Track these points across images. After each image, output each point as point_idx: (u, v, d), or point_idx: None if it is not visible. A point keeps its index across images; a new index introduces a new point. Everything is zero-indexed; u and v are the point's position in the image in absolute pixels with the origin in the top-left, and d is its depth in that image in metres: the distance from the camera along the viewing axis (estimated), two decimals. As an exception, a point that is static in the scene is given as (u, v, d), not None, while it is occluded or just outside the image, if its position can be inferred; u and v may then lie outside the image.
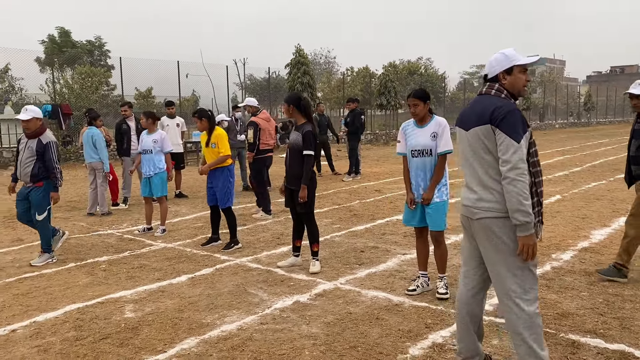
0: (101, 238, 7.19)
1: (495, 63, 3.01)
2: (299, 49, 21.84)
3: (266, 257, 6.06)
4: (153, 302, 4.67)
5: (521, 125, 2.84)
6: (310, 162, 5.39)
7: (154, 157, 7.40)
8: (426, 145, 4.50)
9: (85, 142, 8.71)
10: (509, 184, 2.80)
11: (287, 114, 5.57)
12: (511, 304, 2.92)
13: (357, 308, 4.42)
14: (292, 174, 5.45)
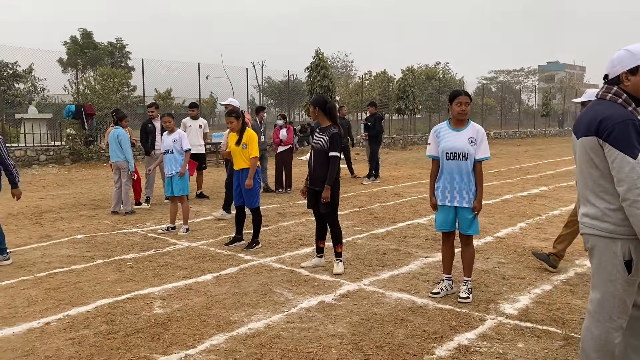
0: (126, 236, 7.32)
1: (617, 62, 2.68)
2: (319, 52, 21.94)
3: (289, 258, 6.13)
4: (180, 299, 4.76)
5: (636, 137, 2.52)
6: (335, 164, 5.46)
7: (176, 156, 7.52)
8: (462, 149, 4.51)
9: (111, 142, 8.87)
10: (630, 206, 2.51)
11: (313, 117, 5.64)
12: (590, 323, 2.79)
13: (381, 309, 4.46)
14: (317, 175, 5.52)
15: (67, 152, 17.66)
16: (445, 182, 4.62)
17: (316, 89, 21.13)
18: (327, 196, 5.39)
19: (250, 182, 6.47)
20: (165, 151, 7.57)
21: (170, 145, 7.53)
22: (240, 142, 6.54)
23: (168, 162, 7.53)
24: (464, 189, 4.56)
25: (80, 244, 6.84)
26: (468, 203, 4.56)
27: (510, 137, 38.51)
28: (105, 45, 41.92)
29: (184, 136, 7.69)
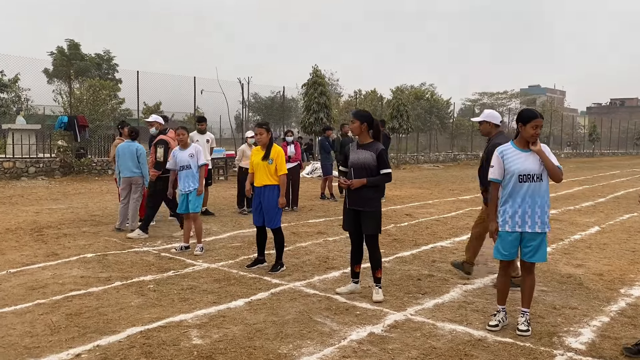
0: (139, 255, 6.90)
1: None
2: (316, 69, 21.78)
3: (320, 282, 5.79)
4: (217, 327, 4.38)
5: None
6: (387, 179, 5.19)
7: (193, 172, 7.17)
8: (536, 170, 4.27)
9: (123, 156, 8.44)
10: None
11: (357, 132, 5.31)
12: None
13: (438, 342, 4.15)
14: (359, 194, 5.21)
15: (57, 165, 17.08)
16: (516, 206, 4.34)
17: (313, 106, 20.91)
18: (355, 183, 5.12)
19: (282, 201, 6.14)
20: (181, 167, 7.19)
21: (186, 160, 7.16)
22: (267, 157, 6.20)
23: (184, 179, 7.16)
24: (536, 213, 4.29)
25: (91, 264, 6.41)
26: (540, 227, 4.29)
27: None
28: (93, 57, 41.33)
29: (200, 151, 7.35)
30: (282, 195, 6.22)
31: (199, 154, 7.27)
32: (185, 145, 7.28)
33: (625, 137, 59.87)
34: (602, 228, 9.49)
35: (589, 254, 7.38)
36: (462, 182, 18.97)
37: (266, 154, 6.19)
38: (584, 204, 13.21)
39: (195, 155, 7.22)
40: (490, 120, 5.78)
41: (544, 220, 4.33)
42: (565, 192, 15.98)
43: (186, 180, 7.15)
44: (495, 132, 5.77)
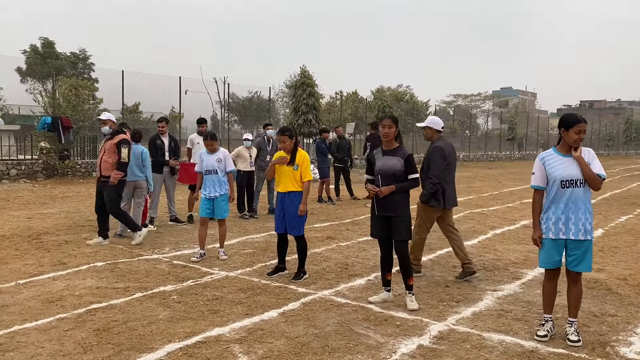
0: (150, 264, 6.62)
1: None
2: (304, 69, 21.56)
3: (348, 291, 5.62)
4: (259, 342, 4.18)
5: None
6: (416, 184, 5.05)
7: (220, 177, 6.97)
8: (580, 175, 4.17)
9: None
10: None
11: (391, 136, 5.12)
12: None
13: (492, 355, 4.02)
14: (388, 200, 5.05)
15: (40, 167, 16.51)
16: (559, 212, 4.25)
17: (302, 107, 20.71)
18: (386, 191, 5.00)
19: (303, 208, 5.96)
20: (207, 171, 6.97)
21: (213, 165, 6.96)
22: (292, 162, 6.00)
23: (210, 184, 6.98)
24: (580, 220, 4.20)
25: (104, 273, 6.12)
26: (584, 235, 4.21)
27: (478, 159, 39.14)
28: (68, 56, 40.31)
29: (228, 156, 7.15)
30: (304, 202, 6.02)
31: (227, 160, 7.07)
32: (214, 150, 7.06)
33: (597, 138, 61.19)
34: (605, 231, 9.55)
35: (604, 257, 7.38)
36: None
37: (291, 159, 5.99)
38: (577, 205, 13.30)
39: (223, 161, 7.02)
40: (432, 125, 6.23)
41: (587, 228, 4.26)
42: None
43: (212, 185, 6.96)
44: (437, 136, 6.23)
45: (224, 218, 7.03)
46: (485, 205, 12.98)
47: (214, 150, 7.05)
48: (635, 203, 14.07)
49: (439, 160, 6.00)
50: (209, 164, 6.96)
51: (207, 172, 6.98)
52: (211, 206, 6.99)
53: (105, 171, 7.61)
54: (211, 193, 6.95)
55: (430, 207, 6.06)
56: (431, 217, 6.17)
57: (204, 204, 7.00)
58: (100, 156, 7.76)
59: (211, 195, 6.95)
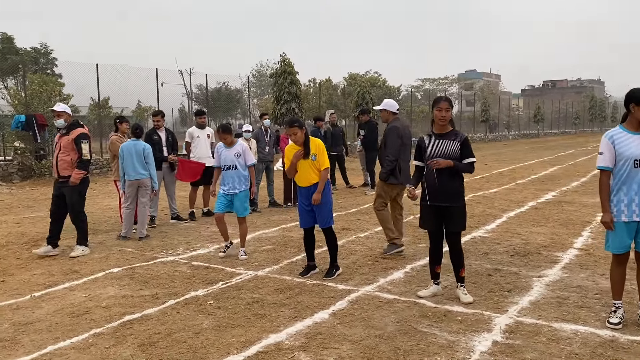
0: (169, 267, 6.21)
1: None
2: (284, 57, 21.05)
3: (391, 285, 5.34)
4: (324, 348, 3.86)
5: None
6: (471, 169, 4.82)
7: (240, 172, 6.57)
8: None
9: (129, 156, 7.61)
10: None
11: (447, 119, 4.81)
12: None
13: (573, 347, 3.81)
14: (444, 189, 4.77)
15: (15, 168, 15.67)
16: (632, 194, 4.04)
17: (284, 96, 20.26)
18: (443, 164, 4.70)
19: (318, 197, 5.56)
20: (225, 166, 6.57)
21: (233, 160, 6.55)
22: (308, 154, 5.62)
23: (230, 179, 6.59)
24: None
25: (124, 280, 5.68)
26: None
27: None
28: (29, 51, 38.65)
29: (247, 149, 6.74)
30: (319, 191, 5.62)
31: (247, 153, 6.66)
32: (230, 144, 6.64)
33: (564, 116, 62.38)
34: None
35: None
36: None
37: (307, 152, 5.61)
38: (572, 184, 13.38)
39: (242, 155, 6.62)
40: (388, 108, 6.58)
41: None
42: (544, 173, 16.20)
43: (231, 181, 6.57)
44: (393, 118, 6.55)
45: (244, 216, 6.65)
46: (483, 188, 12.88)
47: (231, 144, 6.64)
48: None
49: (395, 139, 6.37)
50: (228, 159, 6.55)
51: (225, 168, 6.58)
52: (229, 202, 6.60)
53: (63, 171, 6.75)
54: (231, 190, 6.56)
55: (390, 184, 6.45)
56: (390, 194, 6.57)
57: (222, 200, 6.60)
58: (56, 154, 6.88)
59: (231, 192, 6.56)
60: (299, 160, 5.64)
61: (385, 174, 6.37)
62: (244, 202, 6.56)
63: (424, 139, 4.96)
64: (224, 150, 6.61)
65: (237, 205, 6.56)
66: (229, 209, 6.63)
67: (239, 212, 6.56)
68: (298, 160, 5.63)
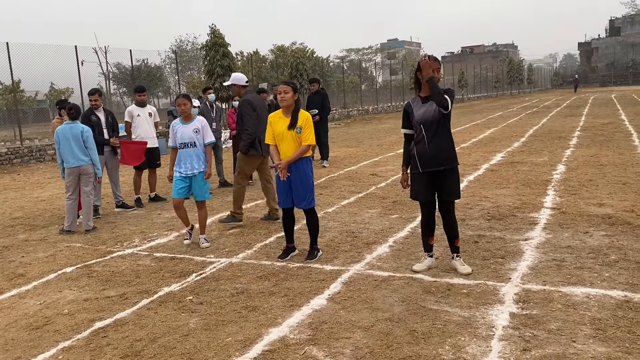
0: (130, 261, 5.58)
1: None
2: (214, 29, 19.97)
3: (379, 262, 5.03)
4: (334, 339, 3.49)
5: None
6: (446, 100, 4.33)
7: (198, 151, 5.93)
8: None
9: (65, 141, 6.78)
10: None
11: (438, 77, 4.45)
12: None
13: (592, 312, 3.66)
14: (436, 152, 4.44)
15: None
16: None
17: (216, 70, 19.31)
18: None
19: (284, 165, 5.03)
20: (182, 144, 5.89)
21: (190, 137, 5.87)
22: (294, 125, 5.13)
23: (187, 159, 5.89)
24: None
25: (81, 280, 5.02)
26: None
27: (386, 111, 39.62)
28: None
29: (207, 125, 6.06)
30: (289, 160, 5.05)
31: (206, 129, 5.99)
32: (188, 118, 5.95)
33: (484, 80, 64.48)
34: (566, 166, 9.71)
35: (593, 192, 7.40)
36: (380, 136, 18.85)
37: (293, 122, 5.13)
38: (514, 145, 13.63)
39: (202, 131, 5.94)
40: (237, 82, 6.80)
41: None
42: (483, 136, 16.48)
43: (189, 160, 5.90)
44: (244, 91, 6.80)
45: (205, 200, 6.07)
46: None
47: (189, 117, 5.98)
48: (562, 137, 14.69)
49: (249, 111, 6.53)
50: (186, 136, 5.89)
51: (182, 146, 5.92)
52: (187, 185, 5.99)
53: None
54: (189, 170, 5.93)
55: (251, 156, 6.64)
56: (252, 166, 6.86)
57: (179, 184, 5.96)
58: None
59: (189, 172, 5.93)
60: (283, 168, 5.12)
61: (245, 147, 6.53)
62: (203, 185, 5.97)
63: (410, 104, 4.62)
64: (180, 127, 5.95)
65: (197, 188, 5.94)
66: (188, 194, 6.02)
67: (199, 196, 5.96)
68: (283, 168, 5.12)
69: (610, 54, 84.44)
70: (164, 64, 57.19)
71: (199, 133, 5.90)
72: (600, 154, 10.91)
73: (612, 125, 16.87)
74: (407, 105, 4.63)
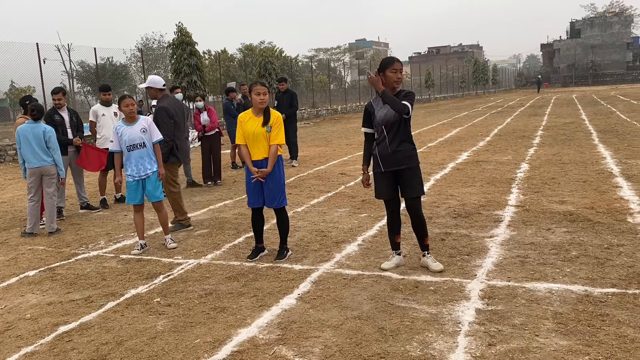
0: (95, 263, 5.48)
1: None
2: (181, 27, 19.72)
3: (349, 260, 5.06)
4: (304, 338, 3.50)
5: None
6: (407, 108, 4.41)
7: (149, 152, 5.83)
8: None
9: (26, 141, 6.60)
10: None
11: (401, 80, 4.52)
12: None
13: (554, 307, 3.77)
14: (397, 152, 4.52)
15: None
16: None
17: (184, 69, 19.08)
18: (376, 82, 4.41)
19: (263, 173, 5.04)
20: (131, 146, 5.76)
21: (138, 138, 5.75)
22: (267, 123, 5.12)
23: (138, 160, 5.76)
24: None
25: (44, 283, 4.91)
26: None
27: (355, 110, 39.83)
28: None
29: (153, 124, 5.95)
30: (271, 166, 5.18)
31: (153, 128, 5.88)
32: (132, 119, 5.84)
33: (450, 81, 65.46)
34: (530, 165, 9.94)
35: (555, 189, 7.60)
36: (349, 135, 18.94)
37: (266, 119, 5.11)
38: (479, 144, 13.89)
39: (149, 130, 5.83)
40: (153, 85, 6.61)
41: None
42: (449, 135, 16.73)
43: (141, 162, 5.78)
44: (161, 95, 6.63)
45: (161, 200, 5.97)
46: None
47: (133, 118, 5.84)
48: (525, 136, 15.03)
49: (165, 119, 6.42)
50: (133, 137, 5.72)
51: (131, 148, 5.74)
52: (141, 188, 5.84)
53: None
54: (141, 172, 5.78)
55: (172, 163, 6.56)
56: (175, 172, 6.70)
57: (133, 188, 5.79)
58: None
59: (142, 174, 5.79)
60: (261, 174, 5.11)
61: (165, 154, 6.34)
62: (157, 185, 5.87)
63: (372, 104, 4.66)
64: (125, 129, 5.77)
65: (150, 190, 5.81)
66: (142, 201, 5.87)
67: (153, 197, 5.84)
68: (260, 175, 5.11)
69: (571, 55, 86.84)
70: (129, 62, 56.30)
71: (146, 132, 5.78)
72: (562, 152, 11.21)
73: (573, 125, 17.36)
74: (369, 105, 4.67)
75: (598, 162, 9.63)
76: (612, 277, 4.21)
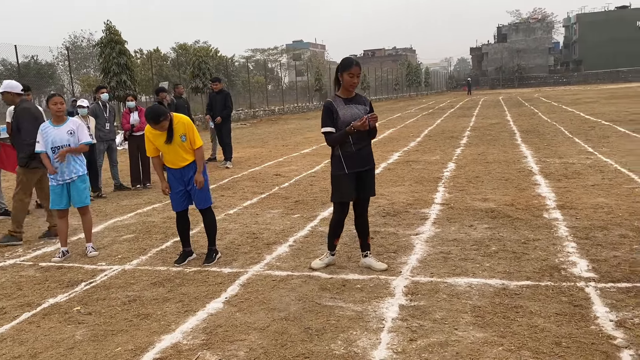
0: (11, 272, 5.19)
1: None
2: (110, 25, 19.03)
3: (279, 262, 5.06)
4: (229, 341, 3.47)
5: None
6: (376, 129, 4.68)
7: (75, 154, 5.61)
8: None
9: None
10: None
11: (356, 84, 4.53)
12: None
13: (473, 300, 3.92)
14: (361, 154, 4.60)
15: None
16: None
17: (113, 68, 18.42)
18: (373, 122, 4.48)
19: (201, 179, 5.05)
20: (57, 148, 5.52)
21: (65, 139, 5.52)
22: (171, 139, 4.93)
23: (65, 163, 5.53)
24: None
25: (-47, 297, 4.60)
26: None
27: (292, 112, 39.84)
28: None
29: (82, 125, 5.73)
30: (199, 172, 5.12)
31: (80, 130, 5.65)
32: (60, 120, 5.58)
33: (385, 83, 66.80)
34: (456, 164, 10.30)
35: (478, 187, 7.91)
36: (286, 137, 18.95)
37: (169, 136, 4.94)
38: (410, 144, 14.25)
39: (76, 133, 5.60)
40: (10, 90, 6.36)
41: None
42: (383, 136, 17.05)
43: (66, 165, 5.54)
44: (19, 99, 6.38)
45: (87, 205, 5.76)
46: (334, 153, 13.09)
47: (61, 119, 5.60)
48: (454, 137, 15.57)
49: (31, 120, 6.14)
50: (59, 139, 5.51)
51: (55, 150, 5.51)
52: (67, 193, 5.62)
53: None
54: (66, 175, 5.57)
55: (32, 169, 6.22)
56: (32, 180, 6.33)
57: (57, 192, 5.56)
58: None
59: (66, 178, 5.57)
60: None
61: (25, 159, 6.13)
62: (84, 190, 5.66)
63: (333, 103, 4.62)
64: (51, 129, 5.54)
65: (75, 195, 5.59)
66: (67, 205, 5.65)
67: (79, 202, 5.62)
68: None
69: (499, 59, 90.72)
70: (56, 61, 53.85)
71: (73, 135, 5.57)
72: (487, 152, 11.69)
73: (498, 126, 18.14)
74: (330, 104, 4.58)
75: (519, 161, 10.11)
76: (527, 271, 4.43)
